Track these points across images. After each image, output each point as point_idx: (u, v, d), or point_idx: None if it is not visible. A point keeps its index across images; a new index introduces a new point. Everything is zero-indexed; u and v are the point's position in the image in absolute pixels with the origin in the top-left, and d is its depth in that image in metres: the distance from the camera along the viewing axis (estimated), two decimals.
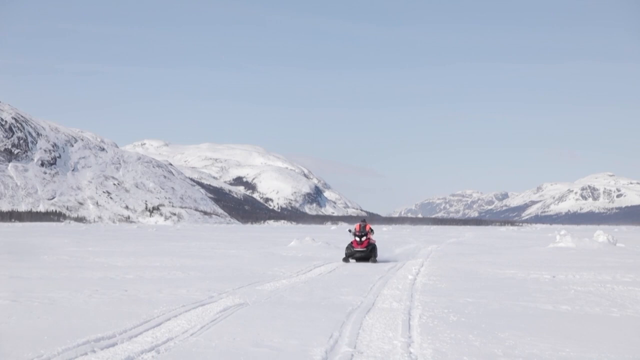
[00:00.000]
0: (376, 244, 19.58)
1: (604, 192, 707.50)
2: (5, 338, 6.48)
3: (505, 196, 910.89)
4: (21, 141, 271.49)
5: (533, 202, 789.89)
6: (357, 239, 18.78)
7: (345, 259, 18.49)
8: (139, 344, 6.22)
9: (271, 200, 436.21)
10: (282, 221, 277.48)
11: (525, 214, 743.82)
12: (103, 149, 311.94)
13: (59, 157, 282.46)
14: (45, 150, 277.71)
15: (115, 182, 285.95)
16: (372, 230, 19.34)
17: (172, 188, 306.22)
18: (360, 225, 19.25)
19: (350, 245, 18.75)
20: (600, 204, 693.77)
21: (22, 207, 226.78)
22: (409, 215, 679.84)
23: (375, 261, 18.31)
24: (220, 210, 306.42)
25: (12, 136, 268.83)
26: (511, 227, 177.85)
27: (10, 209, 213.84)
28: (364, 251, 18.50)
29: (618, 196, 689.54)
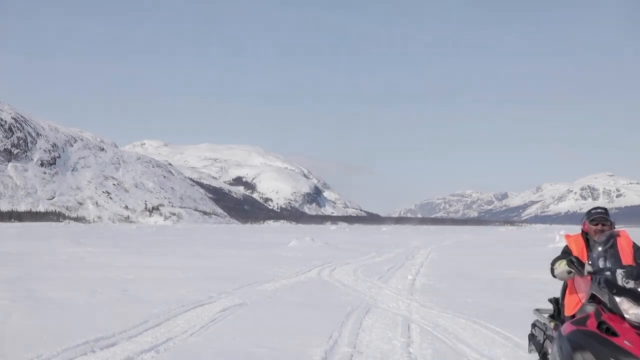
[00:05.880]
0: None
1: (603, 192, 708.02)
2: (5, 338, 6.48)
3: (504, 196, 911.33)
4: (21, 141, 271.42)
5: (533, 202, 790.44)
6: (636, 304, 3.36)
7: None
8: (138, 344, 6.21)
9: (271, 200, 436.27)
10: (282, 221, 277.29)
11: (525, 214, 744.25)
12: (102, 149, 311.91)
13: (59, 157, 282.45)
14: (44, 150, 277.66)
15: (115, 182, 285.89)
16: None
17: (172, 188, 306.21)
18: (599, 228, 4.22)
19: (601, 340, 3.28)
20: (599, 204, 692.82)
21: (22, 207, 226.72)
22: (409, 215, 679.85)
23: None
24: (219, 210, 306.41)
25: (11, 136, 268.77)
26: (511, 227, 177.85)
27: (9, 209, 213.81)
28: None
29: (617, 196, 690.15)
